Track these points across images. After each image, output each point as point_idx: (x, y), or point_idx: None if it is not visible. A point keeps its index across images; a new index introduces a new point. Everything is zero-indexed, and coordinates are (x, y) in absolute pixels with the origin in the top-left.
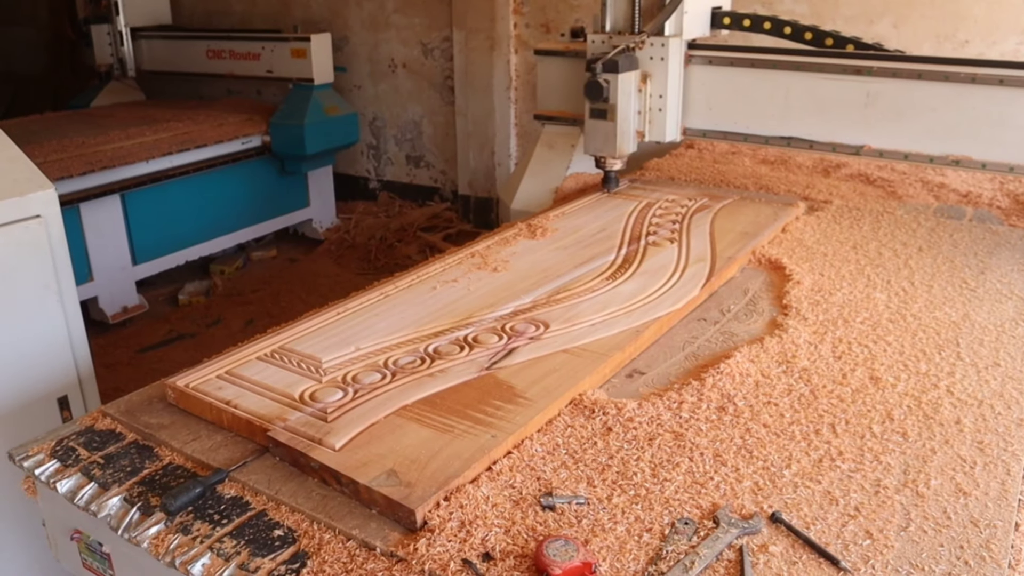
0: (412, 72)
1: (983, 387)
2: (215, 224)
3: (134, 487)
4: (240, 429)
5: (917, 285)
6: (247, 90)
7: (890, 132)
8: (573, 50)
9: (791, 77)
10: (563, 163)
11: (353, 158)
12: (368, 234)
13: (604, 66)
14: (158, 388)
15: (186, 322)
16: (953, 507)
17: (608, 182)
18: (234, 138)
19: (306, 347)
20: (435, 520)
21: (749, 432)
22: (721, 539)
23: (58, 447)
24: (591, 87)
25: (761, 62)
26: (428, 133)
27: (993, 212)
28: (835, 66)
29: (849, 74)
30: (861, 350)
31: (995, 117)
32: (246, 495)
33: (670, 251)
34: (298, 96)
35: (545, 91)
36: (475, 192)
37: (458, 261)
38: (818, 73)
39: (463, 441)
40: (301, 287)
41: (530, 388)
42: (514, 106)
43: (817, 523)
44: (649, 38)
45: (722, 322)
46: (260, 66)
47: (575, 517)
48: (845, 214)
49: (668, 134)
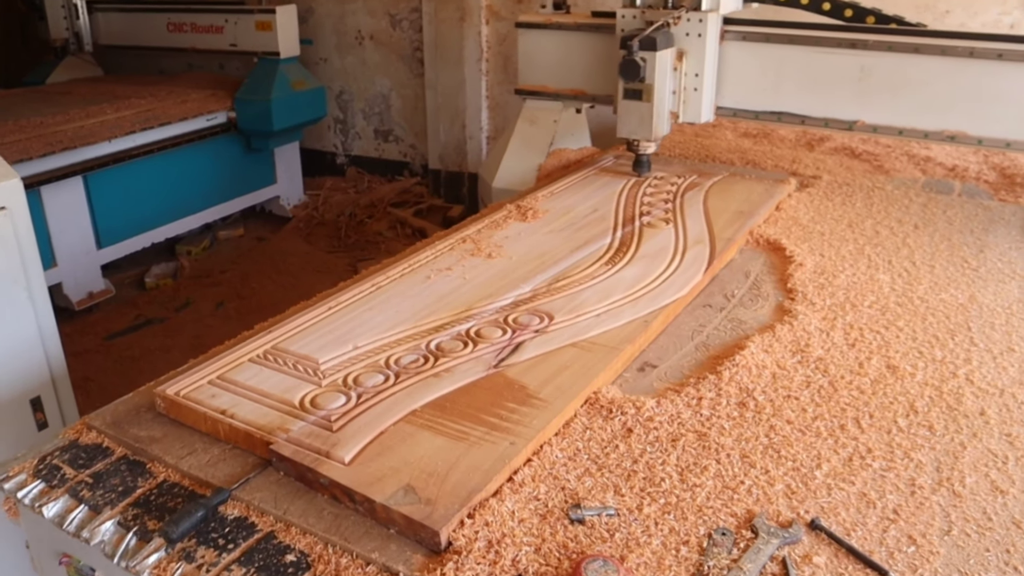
0: (380, 44)
1: (1002, 375)
2: (181, 204)
3: (128, 509)
4: (239, 441)
5: (919, 265)
6: (208, 64)
7: (884, 107)
8: (556, 22)
9: (783, 51)
10: (545, 139)
11: (320, 133)
12: (337, 210)
13: (641, 43)
14: (146, 396)
15: (154, 306)
16: (992, 507)
17: (640, 166)
18: (198, 115)
19: (301, 347)
20: (460, 540)
21: (774, 429)
22: (763, 551)
23: (41, 465)
24: (627, 66)
25: (752, 35)
26: (397, 106)
27: (981, 186)
28: (829, 39)
29: (844, 47)
30: (874, 336)
31: (992, 92)
32: (251, 515)
33: (667, 232)
34: (263, 70)
35: (527, 65)
36: (446, 166)
37: (449, 247)
38: (812, 47)
39: (480, 450)
40: (270, 266)
41: (543, 388)
42: (485, 78)
43: (857, 529)
44: (688, 13)
45: (728, 308)
46: (223, 39)
47: (607, 531)
48: (836, 190)
49: (704, 115)
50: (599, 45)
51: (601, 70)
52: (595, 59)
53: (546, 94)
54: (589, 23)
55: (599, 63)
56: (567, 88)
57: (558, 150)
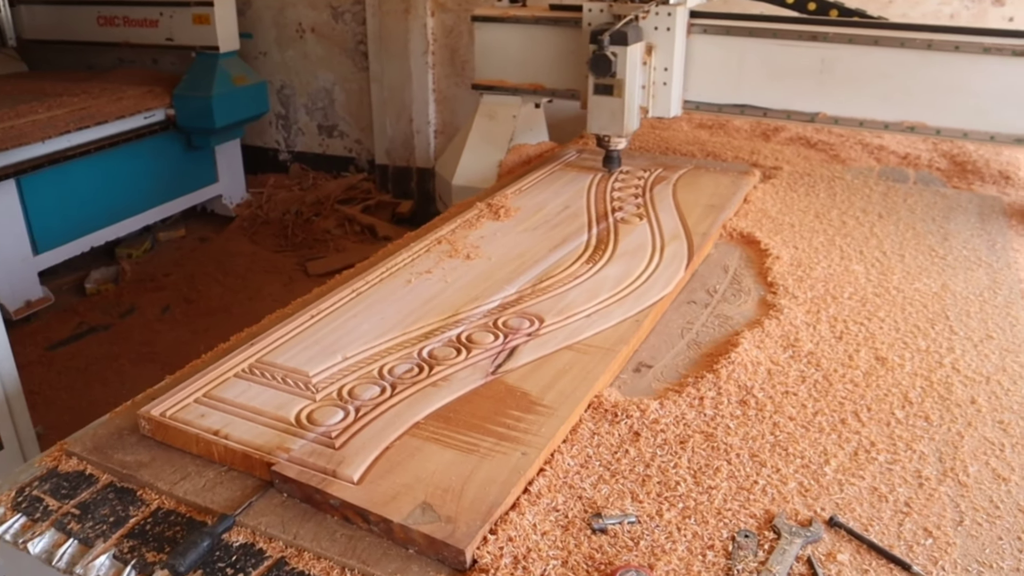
0: (322, 37)
1: (985, 362)
2: (120, 206)
3: (123, 541)
4: (235, 463)
5: (889, 255)
6: (141, 59)
7: (845, 99)
8: (514, 16)
9: (745, 43)
10: (505, 135)
11: (261, 129)
12: (282, 209)
13: (612, 38)
14: (127, 418)
15: (96, 312)
16: (998, 495)
17: (611, 162)
18: (136, 112)
19: (287, 359)
20: (486, 558)
21: (777, 427)
22: (788, 551)
23: (20, 498)
24: (598, 61)
25: (714, 28)
26: (341, 101)
27: (934, 174)
28: (790, 32)
29: (805, 40)
30: (859, 328)
31: (949, 83)
32: (258, 541)
33: (642, 229)
34: (203, 66)
35: (484, 59)
36: (393, 161)
37: (426, 248)
38: (773, 39)
39: (493, 462)
40: (216, 268)
41: (546, 394)
42: (432, 71)
43: (874, 524)
44: (656, 7)
45: (712, 304)
46: (159, 33)
47: (631, 539)
48: (798, 180)
49: (672, 109)
50: (558, 39)
51: (560, 64)
52: (554, 53)
53: (504, 88)
54: (547, 16)
55: (558, 57)
56: (526, 82)
57: (518, 145)
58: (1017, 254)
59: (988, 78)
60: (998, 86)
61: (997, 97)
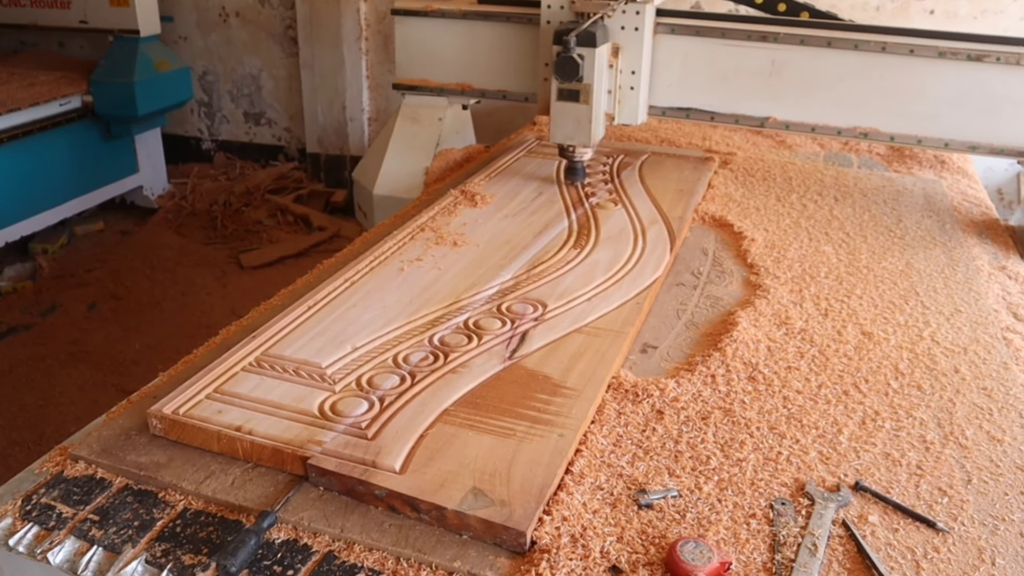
0: (247, 21)
1: (959, 334)
2: (34, 199)
3: (153, 545)
4: (263, 459)
5: (852, 236)
6: (44, 42)
7: (797, 103)
8: (439, 10)
9: (690, 43)
10: (431, 139)
11: (183, 117)
12: (209, 199)
13: (579, 39)
14: (130, 417)
15: (15, 312)
16: (996, 455)
17: (575, 174)
18: (50, 99)
19: (295, 351)
20: (544, 539)
21: (788, 400)
22: (824, 515)
23: (28, 506)
24: (564, 64)
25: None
26: (268, 88)
27: (875, 159)
28: (738, 31)
29: (754, 40)
30: (841, 306)
31: (904, 88)
32: (302, 536)
33: (619, 214)
34: (122, 50)
35: (405, 56)
36: (325, 150)
37: (410, 236)
38: (720, 39)
39: (532, 445)
40: (143, 262)
41: (568, 376)
42: (365, 57)
43: (894, 486)
44: (624, 4)
45: (700, 286)
46: (71, 15)
47: (677, 513)
48: (753, 166)
49: (640, 115)
50: (489, 34)
51: (491, 62)
52: (484, 50)
53: (428, 89)
54: (475, 11)
55: (488, 54)
56: (452, 82)
57: (445, 151)
58: (965, 233)
59: (943, 83)
60: (952, 91)
61: (952, 103)
